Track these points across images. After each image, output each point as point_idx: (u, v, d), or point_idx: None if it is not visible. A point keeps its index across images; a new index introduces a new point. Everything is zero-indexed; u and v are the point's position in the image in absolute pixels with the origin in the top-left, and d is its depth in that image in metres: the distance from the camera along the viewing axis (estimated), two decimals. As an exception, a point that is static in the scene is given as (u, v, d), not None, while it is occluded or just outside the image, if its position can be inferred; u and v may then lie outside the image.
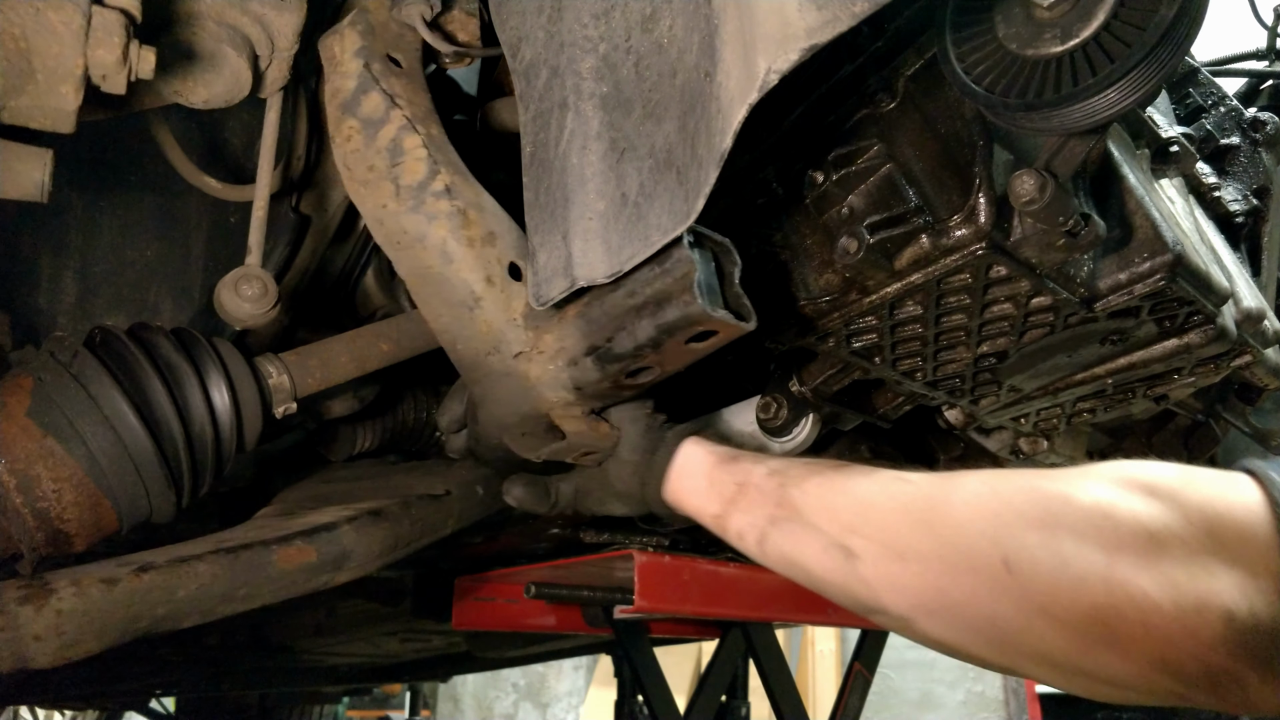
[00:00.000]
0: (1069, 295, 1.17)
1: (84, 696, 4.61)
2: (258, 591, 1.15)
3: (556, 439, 1.14)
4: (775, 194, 1.27)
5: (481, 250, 1.11)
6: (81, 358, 1.10)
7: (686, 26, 0.98)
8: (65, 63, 0.95)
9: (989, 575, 0.77)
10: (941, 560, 0.82)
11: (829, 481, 0.94)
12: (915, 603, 0.84)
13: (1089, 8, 0.88)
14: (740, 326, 1.01)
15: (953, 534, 0.82)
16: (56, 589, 1.01)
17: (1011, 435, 1.72)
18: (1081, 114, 0.90)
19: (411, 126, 1.14)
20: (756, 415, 1.51)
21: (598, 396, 1.12)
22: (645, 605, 1.89)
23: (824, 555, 0.91)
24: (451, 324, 1.15)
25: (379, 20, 1.20)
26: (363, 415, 1.53)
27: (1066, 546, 0.75)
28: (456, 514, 1.41)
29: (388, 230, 1.15)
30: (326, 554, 1.20)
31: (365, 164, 1.14)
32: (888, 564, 0.85)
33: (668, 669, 2.78)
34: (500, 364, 1.13)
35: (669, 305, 0.99)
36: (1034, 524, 0.77)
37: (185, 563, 1.09)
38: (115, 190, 1.39)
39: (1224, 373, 1.44)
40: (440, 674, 5.75)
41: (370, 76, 1.15)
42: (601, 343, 1.06)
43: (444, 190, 1.12)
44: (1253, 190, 1.61)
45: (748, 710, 3.19)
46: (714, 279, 1.00)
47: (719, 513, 1.04)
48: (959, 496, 0.84)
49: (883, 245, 1.12)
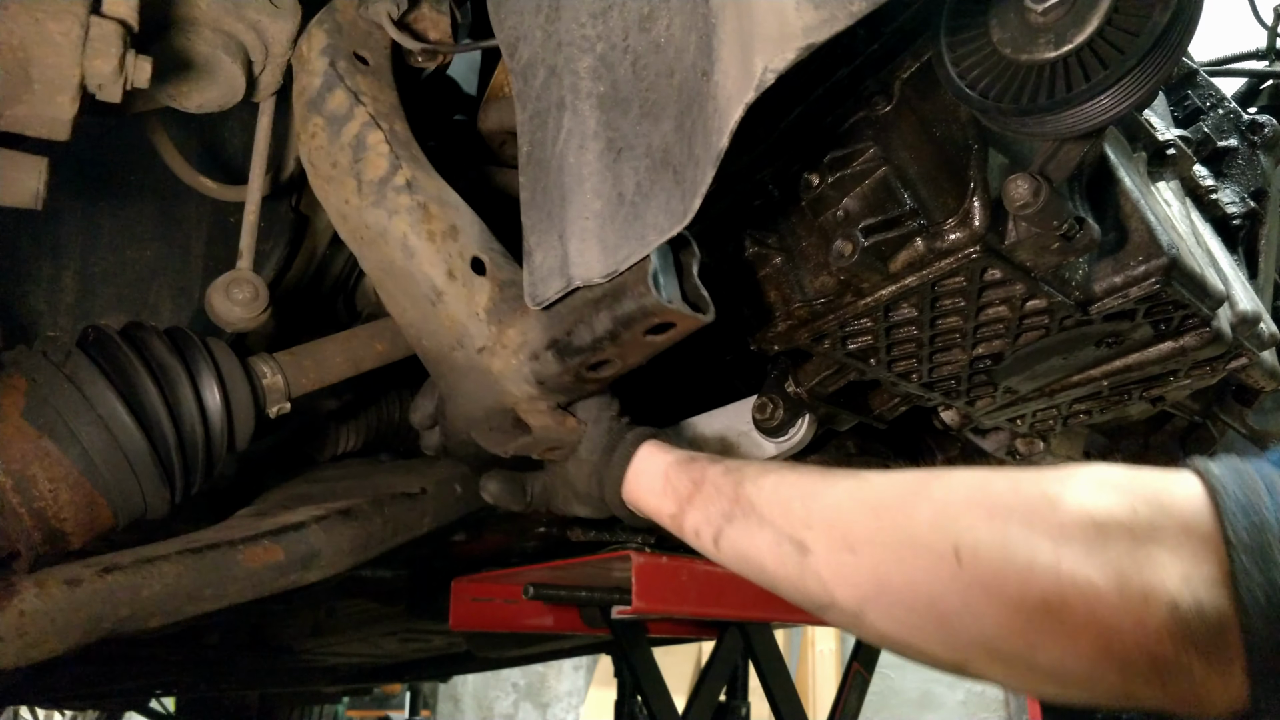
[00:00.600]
0: (1064, 298, 1.18)
1: (84, 696, 4.62)
2: (224, 591, 1.16)
3: (523, 434, 1.14)
4: (771, 196, 1.27)
5: (443, 244, 1.12)
6: (75, 358, 1.10)
7: (684, 26, 0.98)
8: (63, 72, 0.96)
9: (938, 562, 0.78)
10: (891, 549, 0.82)
11: (783, 479, 0.94)
12: (865, 594, 0.84)
13: (1083, 13, 0.89)
14: (697, 319, 1.01)
15: (903, 522, 0.82)
16: (20, 590, 1.02)
17: (1008, 436, 1.73)
18: (1076, 119, 0.90)
19: (374, 123, 1.15)
20: (752, 415, 1.51)
21: (561, 390, 1.12)
22: (643, 606, 1.89)
23: (777, 550, 0.91)
24: (416, 319, 1.16)
25: (346, 19, 1.21)
26: (347, 414, 1.53)
27: (1014, 534, 0.75)
28: (432, 512, 1.41)
29: (351, 226, 1.15)
30: (294, 553, 1.21)
31: (329, 160, 1.15)
32: (839, 555, 0.86)
33: (667, 669, 2.79)
34: (464, 358, 1.13)
35: (625, 297, 1.00)
36: (982, 512, 0.78)
37: (150, 563, 1.10)
38: (115, 191, 1.40)
39: (1220, 375, 1.45)
40: (440, 674, 5.76)
41: (335, 74, 1.16)
42: (561, 335, 1.06)
43: (405, 185, 1.12)
44: (1250, 193, 1.61)
45: (748, 710, 3.19)
46: (671, 271, 1.01)
47: (675, 511, 1.04)
48: (909, 489, 0.85)
49: (877, 248, 1.12)
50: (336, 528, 1.26)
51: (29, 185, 1.01)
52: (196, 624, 1.19)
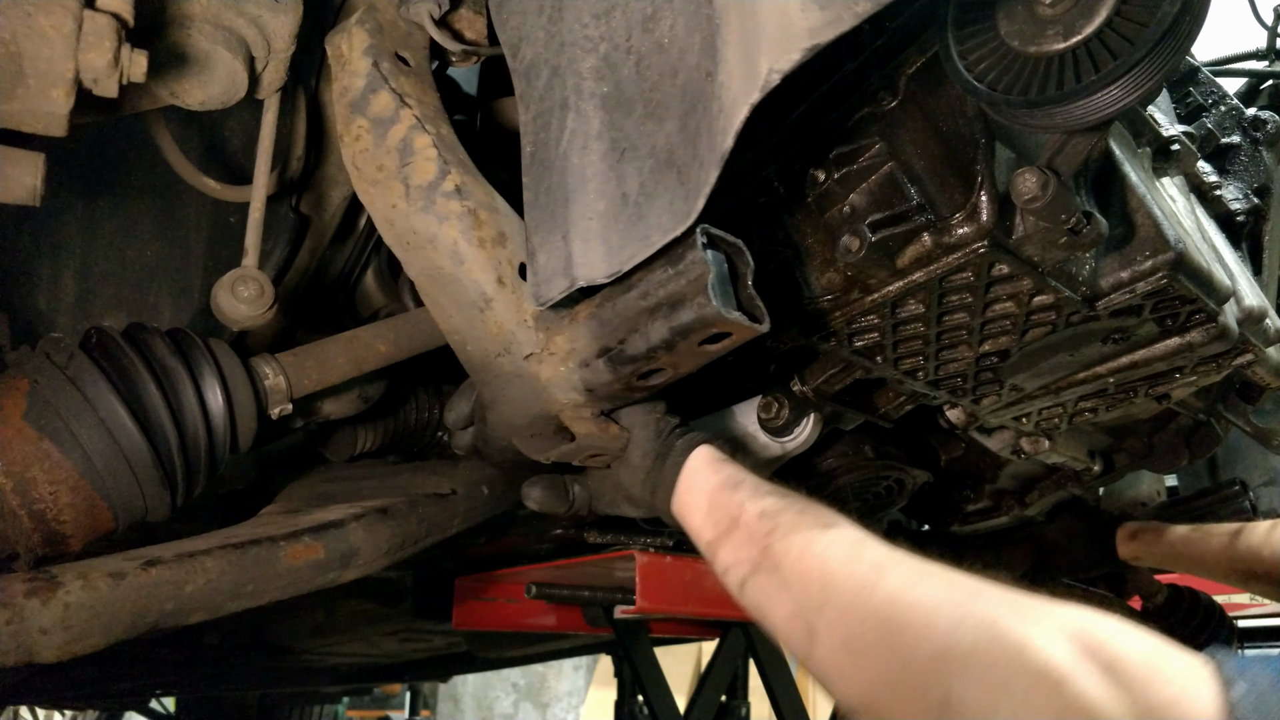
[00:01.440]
0: (1071, 293, 1.17)
1: (84, 696, 4.62)
2: (265, 588, 1.15)
3: (566, 440, 1.13)
4: (777, 193, 1.26)
5: (493, 251, 1.11)
6: (77, 360, 1.10)
7: (688, 26, 0.97)
8: (56, 67, 0.94)
9: (924, 707, 0.77)
10: (888, 672, 0.82)
11: (811, 544, 0.94)
12: (858, 701, 0.84)
13: (1092, 4, 0.88)
14: (754, 328, 1.00)
15: (905, 650, 0.81)
16: (64, 582, 1.00)
17: (1013, 435, 1.72)
18: (1084, 111, 0.89)
19: (421, 126, 1.13)
20: (758, 415, 1.51)
21: (609, 398, 1.12)
22: (646, 605, 1.89)
23: (790, 622, 0.92)
24: (462, 325, 1.15)
25: (387, 19, 1.20)
26: (364, 416, 1.52)
27: (1006, 709, 0.72)
28: (462, 513, 1.41)
29: (398, 231, 1.14)
30: (334, 551, 1.20)
31: (375, 164, 1.13)
32: (842, 655, 0.86)
33: (668, 669, 2.78)
34: (511, 365, 1.12)
35: (683, 307, 0.99)
36: (983, 671, 0.75)
37: (193, 558, 1.08)
38: (115, 190, 1.39)
39: (1225, 371, 1.44)
40: (440, 674, 5.76)
41: (379, 75, 1.14)
42: (614, 344, 1.05)
43: (455, 190, 1.11)
44: (1254, 189, 1.61)
45: (748, 710, 3.19)
46: (728, 281, 0.99)
47: (712, 540, 1.05)
48: (923, 605, 0.82)
49: (884, 244, 1.12)
50: (375, 526, 1.25)
51: (26, 182, 1.00)
52: (199, 623, 1.17)
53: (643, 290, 1.02)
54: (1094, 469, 1.90)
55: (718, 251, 0.99)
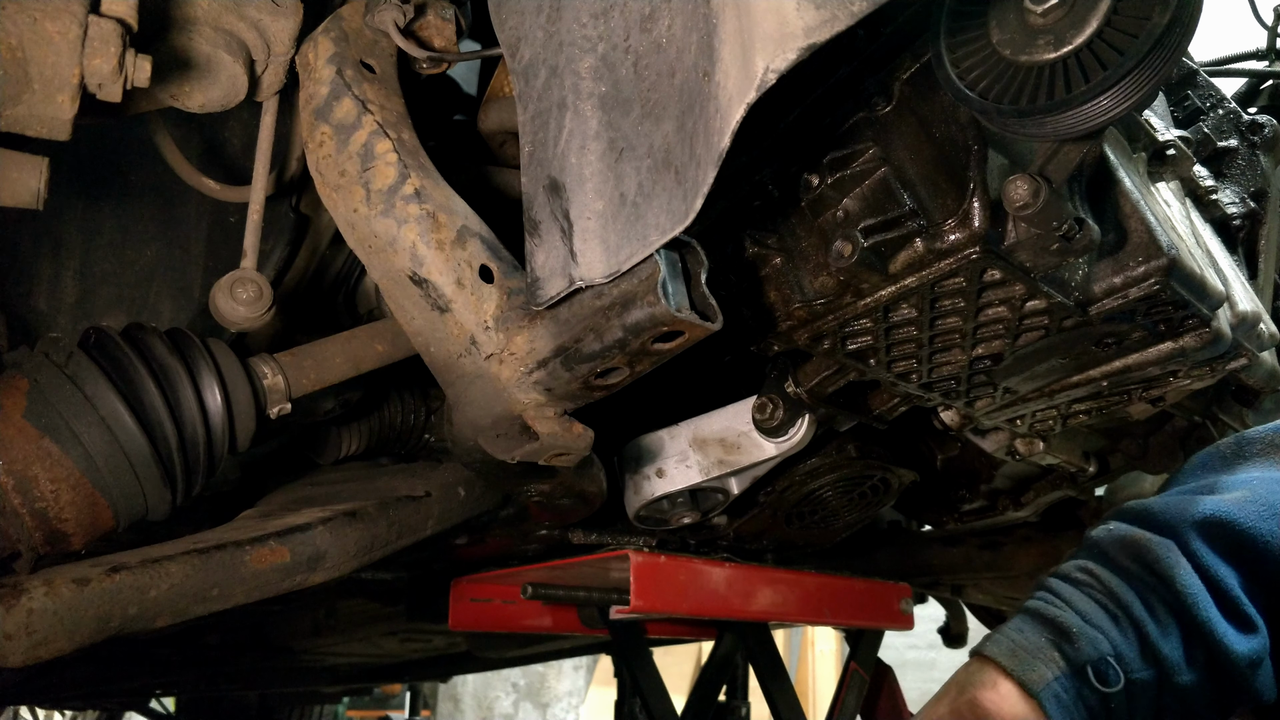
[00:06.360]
0: (1063, 299, 1.18)
1: (84, 696, 4.62)
2: (230, 591, 1.16)
3: (530, 440, 1.15)
4: (771, 196, 1.27)
5: (451, 253, 1.12)
6: (76, 359, 1.10)
7: (685, 26, 0.98)
8: (61, 72, 0.96)
9: None
10: None
11: None
12: None
13: (1082, 14, 0.89)
14: (706, 327, 1.02)
15: None
16: (28, 588, 1.01)
17: (1007, 436, 1.73)
18: (1075, 120, 0.90)
19: (383, 131, 1.15)
20: (753, 415, 1.51)
21: (568, 398, 1.13)
22: (641, 606, 1.88)
23: None
24: (424, 327, 1.16)
25: (353, 27, 1.21)
26: (349, 419, 1.53)
27: None
28: (437, 515, 1.42)
29: (359, 235, 1.16)
30: (300, 554, 1.21)
31: (337, 169, 1.15)
32: None
33: (668, 669, 2.78)
34: (472, 366, 1.14)
35: (634, 306, 1.00)
36: None
37: (157, 563, 1.10)
38: (115, 191, 1.40)
39: (1220, 375, 1.45)
40: (440, 674, 5.75)
41: (343, 83, 1.16)
42: (570, 344, 1.07)
43: (414, 194, 1.13)
44: (1250, 193, 1.61)
45: (748, 710, 3.19)
46: (679, 279, 1.01)
47: None
48: None
49: (877, 249, 1.12)
50: (342, 529, 1.27)
51: (30, 185, 1.01)
52: (197, 623, 1.18)
53: (598, 290, 1.03)
54: (1089, 470, 1.91)
55: (669, 251, 1.00)
